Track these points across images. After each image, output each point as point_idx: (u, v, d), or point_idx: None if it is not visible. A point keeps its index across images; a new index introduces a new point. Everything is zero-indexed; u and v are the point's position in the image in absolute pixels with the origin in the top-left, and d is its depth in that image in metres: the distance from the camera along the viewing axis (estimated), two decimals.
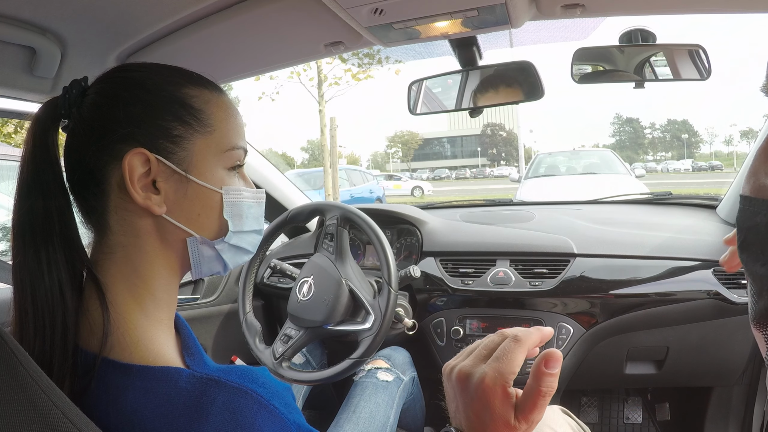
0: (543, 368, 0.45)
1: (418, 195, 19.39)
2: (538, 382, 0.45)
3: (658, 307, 1.22)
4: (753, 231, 0.29)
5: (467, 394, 0.47)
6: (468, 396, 0.47)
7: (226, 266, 0.55)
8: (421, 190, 20.23)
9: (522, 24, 0.81)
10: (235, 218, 0.53)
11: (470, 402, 0.47)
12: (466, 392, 0.47)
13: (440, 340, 1.35)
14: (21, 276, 0.46)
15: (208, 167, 0.51)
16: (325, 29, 0.83)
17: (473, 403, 0.47)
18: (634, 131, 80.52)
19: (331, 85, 10.06)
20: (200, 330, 1.46)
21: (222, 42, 0.86)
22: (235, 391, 0.43)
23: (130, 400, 0.43)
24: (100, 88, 0.50)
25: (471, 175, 50.13)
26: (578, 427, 0.86)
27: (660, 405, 1.63)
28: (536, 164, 8.77)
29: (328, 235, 1.21)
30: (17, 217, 0.47)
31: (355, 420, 1.09)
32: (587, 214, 1.54)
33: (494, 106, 1.09)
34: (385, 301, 1.11)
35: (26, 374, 0.35)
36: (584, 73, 1.08)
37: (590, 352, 1.26)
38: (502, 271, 1.31)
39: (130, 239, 0.49)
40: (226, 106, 0.53)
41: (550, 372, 0.45)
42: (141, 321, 0.48)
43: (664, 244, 1.28)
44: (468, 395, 0.47)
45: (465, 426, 0.48)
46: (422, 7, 0.74)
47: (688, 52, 1.00)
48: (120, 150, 0.47)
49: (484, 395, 0.46)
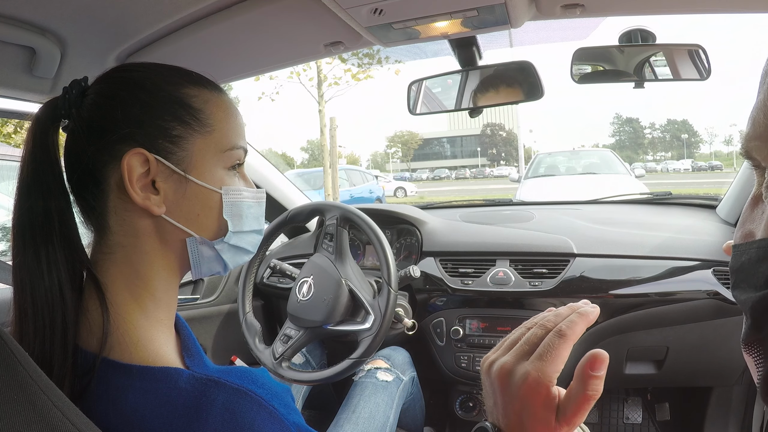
0: (589, 371, 0.42)
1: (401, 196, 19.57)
2: (584, 386, 0.42)
3: (657, 307, 1.22)
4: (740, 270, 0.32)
5: (508, 393, 0.45)
6: (509, 394, 0.45)
7: (226, 266, 0.55)
8: (404, 191, 20.40)
9: (522, 24, 0.81)
10: (235, 218, 0.53)
11: (510, 400, 0.45)
12: (507, 390, 0.45)
13: (440, 340, 1.35)
14: (21, 276, 0.46)
15: (208, 167, 0.51)
16: (325, 29, 0.83)
17: (513, 401, 0.45)
18: (634, 131, 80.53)
19: (331, 85, 10.07)
20: (200, 330, 1.46)
21: (222, 42, 0.86)
22: (235, 392, 0.43)
23: (129, 401, 0.43)
24: (100, 89, 0.50)
25: (471, 175, 50.12)
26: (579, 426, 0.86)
27: (660, 405, 1.63)
28: (536, 164, 8.78)
29: (328, 235, 1.21)
30: (17, 217, 0.47)
31: (355, 420, 1.09)
32: (587, 214, 1.54)
33: (494, 106, 1.09)
34: (384, 301, 1.11)
35: (26, 374, 0.35)
36: (584, 73, 1.08)
37: None
38: (501, 271, 1.31)
39: (130, 239, 0.49)
40: (226, 105, 0.53)
41: (596, 375, 0.42)
42: (141, 321, 0.48)
43: (664, 244, 1.28)
44: (509, 394, 0.45)
45: (503, 423, 0.46)
46: (422, 7, 0.74)
47: (688, 52, 1.00)
48: (119, 150, 0.47)
49: (526, 396, 0.44)
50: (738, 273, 0.32)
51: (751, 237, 0.32)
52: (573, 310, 0.47)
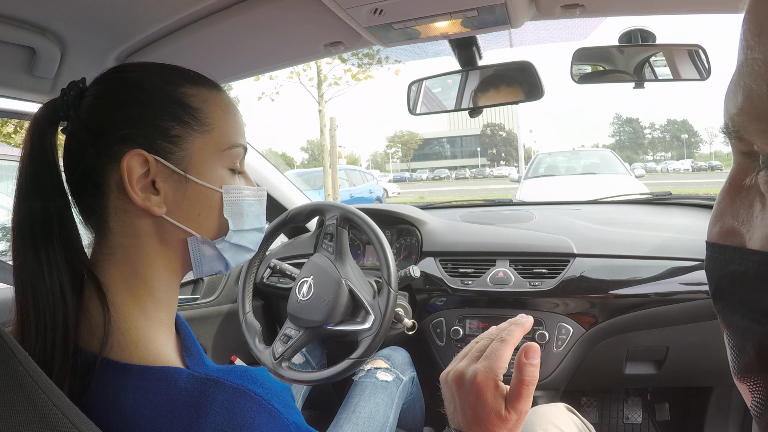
0: (524, 359, 0.50)
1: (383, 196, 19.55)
2: (521, 373, 0.50)
3: (657, 307, 1.22)
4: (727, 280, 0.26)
5: (463, 392, 0.53)
6: (464, 393, 0.52)
7: (227, 265, 0.55)
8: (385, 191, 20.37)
9: (522, 24, 0.81)
10: (236, 217, 0.53)
11: (466, 398, 0.52)
12: (462, 390, 0.53)
13: (440, 340, 1.35)
14: (21, 277, 0.46)
15: (208, 166, 0.51)
16: (325, 29, 0.83)
17: (469, 398, 0.52)
18: (634, 131, 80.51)
19: (331, 85, 10.08)
20: (200, 330, 1.46)
21: (222, 42, 0.86)
22: (235, 392, 0.43)
23: (129, 400, 0.43)
24: (98, 90, 0.50)
25: (471, 175, 50.12)
26: (583, 425, 0.86)
27: (660, 405, 1.63)
28: (536, 164, 8.78)
29: (328, 235, 1.21)
30: (17, 218, 0.47)
31: (355, 420, 1.09)
32: (587, 214, 1.54)
33: (494, 106, 1.09)
34: (384, 301, 1.11)
35: (26, 374, 0.35)
36: (584, 73, 1.08)
37: (590, 352, 1.26)
38: (501, 271, 1.31)
39: (130, 240, 0.49)
40: (225, 104, 0.53)
41: (530, 362, 0.50)
42: (141, 321, 0.48)
43: (664, 244, 1.28)
44: (464, 392, 0.52)
45: (463, 424, 0.53)
46: (422, 7, 0.74)
47: (688, 52, 1.00)
48: (118, 151, 0.47)
49: (478, 390, 0.51)
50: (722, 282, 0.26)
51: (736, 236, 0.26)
52: (512, 323, 0.56)
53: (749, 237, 0.25)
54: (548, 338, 1.22)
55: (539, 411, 0.87)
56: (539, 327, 1.24)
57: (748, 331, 0.24)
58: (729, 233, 0.27)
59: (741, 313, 0.25)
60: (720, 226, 0.27)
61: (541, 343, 1.23)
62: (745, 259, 0.25)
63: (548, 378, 1.22)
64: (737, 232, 0.26)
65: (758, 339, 0.24)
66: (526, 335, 1.24)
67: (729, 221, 0.27)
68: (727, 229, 0.27)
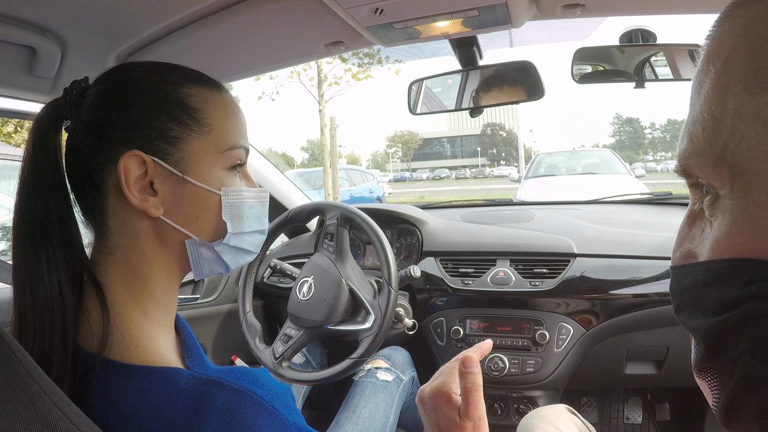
0: (462, 369, 0.55)
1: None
2: (465, 381, 0.55)
3: (658, 307, 1.22)
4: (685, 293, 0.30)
5: (428, 407, 0.60)
6: (429, 408, 0.60)
7: (227, 267, 0.54)
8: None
9: (522, 24, 0.81)
10: (235, 219, 0.52)
11: (430, 412, 0.60)
12: (426, 407, 0.60)
13: (440, 340, 1.35)
14: (21, 276, 0.46)
15: (207, 168, 0.50)
16: (326, 29, 0.83)
17: (431, 411, 0.59)
18: (634, 131, 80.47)
19: (331, 85, 10.07)
20: (200, 330, 1.46)
21: (222, 42, 0.86)
22: (235, 393, 0.43)
23: (130, 401, 0.43)
24: (98, 90, 0.49)
25: (471, 175, 50.04)
26: (584, 426, 0.86)
27: (660, 405, 1.63)
28: (536, 164, 8.77)
29: (328, 235, 1.21)
30: (17, 217, 0.47)
31: (355, 420, 1.09)
32: (587, 214, 1.54)
33: (494, 106, 1.09)
34: (385, 300, 1.11)
35: (26, 374, 0.35)
36: (584, 73, 1.08)
37: (590, 352, 1.26)
38: (502, 271, 1.31)
39: (129, 240, 0.49)
40: (226, 104, 0.52)
41: (468, 371, 0.55)
42: (140, 321, 0.48)
43: (664, 244, 1.28)
44: (428, 407, 0.60)
45: None
46: (422, 6, 0.74)
47: (689, 52, 1.00)
48: (116, 152, 0.47)
49: (436, 403, 0.58)
50: (682, 296, 0.30)
51: (692, 257, 0.30)
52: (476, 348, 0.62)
53: (700, 255, 0.30)
54: (548, 338, 1.22)
55: (540, 412, 0.87)
56: (539, 327, 1.24)
57: (699, 327, 0.28)
58: (687, 256, 0.31)
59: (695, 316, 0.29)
60: (680, 252, 0.32)
61: (542, 343, 1.23)
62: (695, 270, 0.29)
63: (548, 378, 1.22)
64: (693, 253, 0.31)
65: (705, 330, 0.28)
66: (526, 335, 1.25)
67: (687, 245, 0.31)
68: (686, 253, 0.31)
